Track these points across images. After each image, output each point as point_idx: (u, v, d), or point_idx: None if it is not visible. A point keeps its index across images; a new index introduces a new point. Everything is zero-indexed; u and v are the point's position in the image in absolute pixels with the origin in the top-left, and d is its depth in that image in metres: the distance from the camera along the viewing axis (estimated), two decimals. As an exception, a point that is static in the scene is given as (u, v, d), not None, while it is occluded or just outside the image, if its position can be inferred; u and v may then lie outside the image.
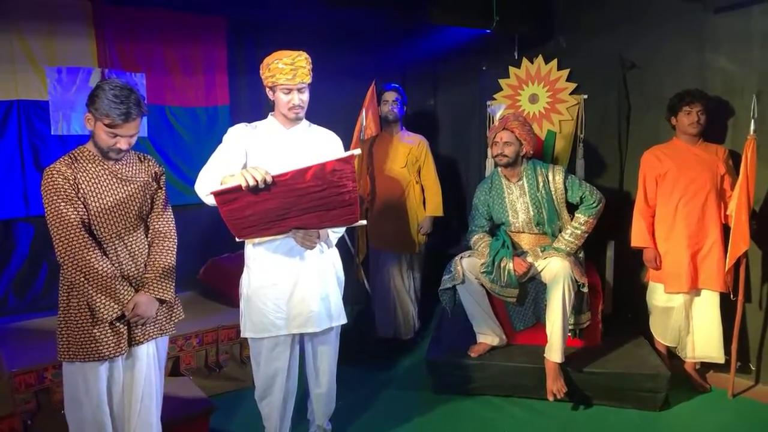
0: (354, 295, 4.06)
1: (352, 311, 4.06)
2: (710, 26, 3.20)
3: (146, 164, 2.16)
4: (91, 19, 3.32)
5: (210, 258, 3.73)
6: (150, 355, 2.11)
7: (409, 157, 3.74)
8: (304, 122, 2.32)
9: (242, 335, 2.31)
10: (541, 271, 3.00)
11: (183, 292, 3.65)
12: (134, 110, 1.92)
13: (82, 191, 1.94)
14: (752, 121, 2.80)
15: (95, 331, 1.95)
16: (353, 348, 3.46)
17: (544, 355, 2.89)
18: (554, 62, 3.73)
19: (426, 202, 3.82)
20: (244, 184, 1.72)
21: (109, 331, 1.98)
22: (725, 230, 3.00)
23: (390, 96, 3.74)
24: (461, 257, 3.09)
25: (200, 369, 3.07)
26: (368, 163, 3.77)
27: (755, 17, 3.01)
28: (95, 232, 1.98)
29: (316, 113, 2.43)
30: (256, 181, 1.72)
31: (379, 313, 3.85)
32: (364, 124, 3.63)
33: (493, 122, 3.76)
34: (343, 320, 2.36)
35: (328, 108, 4.01)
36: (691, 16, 3.26)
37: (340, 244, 2.45)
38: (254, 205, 1.81)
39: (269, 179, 1.74)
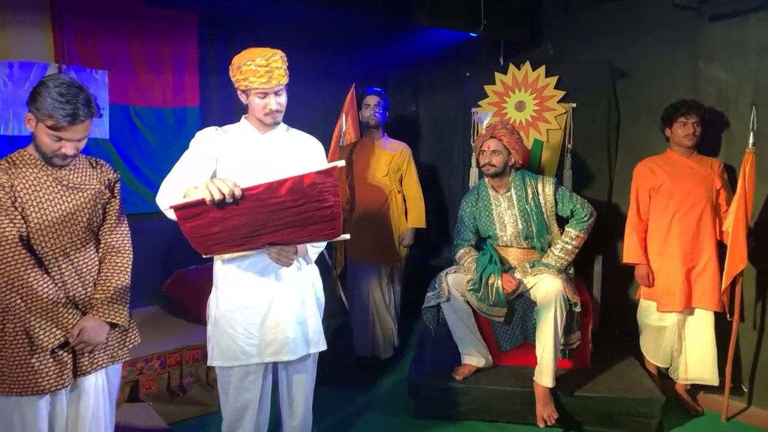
0: (330, 309, 3.84)
1: (328, 326, 3.84)
2: (704, 34, 3.10)
3: (99, 170, 1.91)
4: (48, 10, 3.04)
5: (176, 270, 3.48)
6: (99, 387, 1.86)
7: (391, 165, 3.55)
8: (282, 126, 2.10)
9: (209, 363, 2.06)
10: (531, 288, 2.83)
11: (146, 307, 3.41)
12: (82, 111, 1.68)
13: (20, 201, 1.69)
14: (751, 133, 2.69)
15: (34, 360, 1.70)
16: (328, 367, 3.24)
17: (534, 378, 2.72)
18: (542, 69, 3.58)
19: (408, 212, 3.62)
20: (208, 198, 1.49)
21: (51, 360, 1.73)
22: (720, 247, 2.88)
23: (372, 100, 3.54)
24: (446, 273, 2.91)
25: (162, 393, 2.81)
26: (348, 170, 3.56)
27: (751, 26, 2.92)
28: (35, 248, 1.73)
29: (293, 117, 2.23)
30: (223, 195, 1.50)
31: (356, 329, 3.63)
32: (344, 129, 3.44)
33: (478, 130, 3.60)
34: (323, 346, 2.14)
35: (305, 112, 3.78)
36: (684, 24, 3.15)
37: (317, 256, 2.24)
38: (221, 221, 1.59)
39: (238, 192, 1.51)
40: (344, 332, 3.83)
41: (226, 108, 3.52)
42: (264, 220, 1.64)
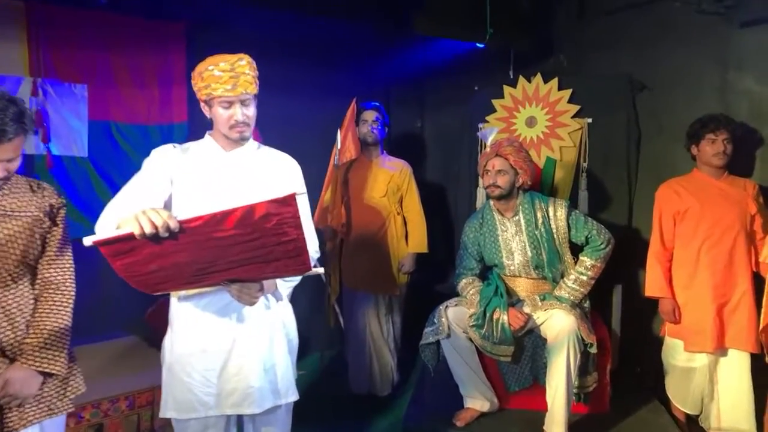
0: (325, 338, 3.57)
1: (322, 357, 3.57)
2: (734, 42, 2.81)
3: (39, 195, 1.68)
4: (24, 22, 2.87)
5: (160, 297, 3.24)
6: (31, 446, 1.61)
7: (389, 185, 3.29)
8: (251, 143, 1.86)
9: (161, 415, 1.80)
10: (541, 324, 2.53)
11: (124, 337, 3.17)
12: (11, 128, 1.47)
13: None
14: (791, 152, 2.38)
15: (-52, 418, 1.46)
16: (319, 404, 2.98)
17: (544, 428, 2.41)
18: (554, 81, 3.31)
19: (408, 236, 3.35)
20: (137, 232, 1.24)
21: (-30, 418, 1.49)
22: (756, 280, 2.55)
23: (369, 115, 3.29)
24: (446, 306, 2.62)
25: (130, 437, 2.56)
26: (344, 190, 3.31)
27: (788, 32, 2.63)
28: (-48, 286, 1.50)
29: (290, 135, 2.00)
30: (155, 228, 1.25)
31: (352, 365, 3.34)
32: (339, 147, 3.19)
33: (484, 148, 3.33)
34: (293, 397, 1.86)
35: (304, 130, 3.59)
36: (711, 31, 2.88)
37: (311, 280, 1.95)
38: (159, 258, 1.33)
39: (173, 225, 1.26)
40: (339, 365, 3.55)
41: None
42: (212, 256, 1.38)
